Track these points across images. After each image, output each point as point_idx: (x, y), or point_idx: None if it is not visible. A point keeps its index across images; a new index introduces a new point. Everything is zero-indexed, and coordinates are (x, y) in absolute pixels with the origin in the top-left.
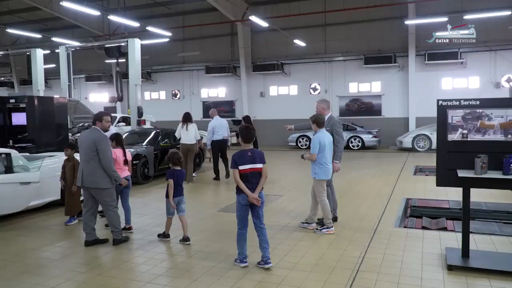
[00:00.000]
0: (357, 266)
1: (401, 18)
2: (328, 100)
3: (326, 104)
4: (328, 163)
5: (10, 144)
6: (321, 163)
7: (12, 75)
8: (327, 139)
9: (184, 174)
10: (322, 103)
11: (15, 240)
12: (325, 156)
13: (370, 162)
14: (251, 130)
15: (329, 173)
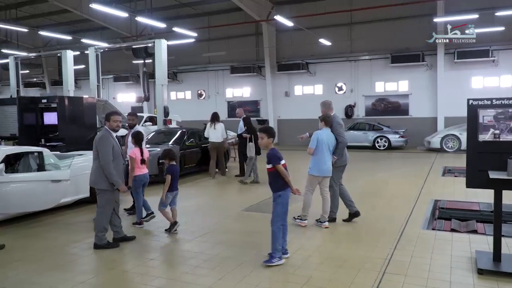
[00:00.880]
0: (383, 268)
1: (430, 15)
2: (326, 102)
3: (326, 107)
4: (325, 161)
5: (42, 143)
6: (316, 160)
7: (44, 76)
8: (327, 138)
9: (178, 169)
10: (321, 107)
11: (45, 236)
12: (323, 153)
13: (396, 162)
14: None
15: (321, 171)
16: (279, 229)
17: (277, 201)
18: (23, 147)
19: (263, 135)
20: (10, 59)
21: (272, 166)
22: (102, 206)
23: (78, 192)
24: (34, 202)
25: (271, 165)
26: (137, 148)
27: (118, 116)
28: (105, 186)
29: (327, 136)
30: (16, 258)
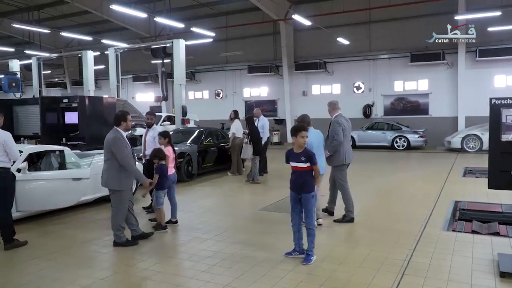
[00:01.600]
0: (402, 269)
1: (451, 13)
2: (332, 102)
3: (331, 107)
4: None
5: (63, 142)
6: None
7: (65, 76)
8: (317, 139)
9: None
10: (328, 106)
11: (66, 233)
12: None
13: (416, 163)
14: None
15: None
16: (315, 226)
17: (312, 202)
18: (45, 146)
19: (307, 134)
20: (33, 59)
21: (309, 165)
22: (116, 206)
23: (98, 190)
24: (55, 199)
25: (308, 164)
26: (169, 147)
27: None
28: (117, 186)
29: (316, 136)
30: (38, 254)
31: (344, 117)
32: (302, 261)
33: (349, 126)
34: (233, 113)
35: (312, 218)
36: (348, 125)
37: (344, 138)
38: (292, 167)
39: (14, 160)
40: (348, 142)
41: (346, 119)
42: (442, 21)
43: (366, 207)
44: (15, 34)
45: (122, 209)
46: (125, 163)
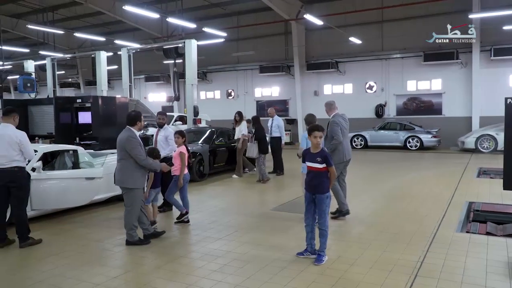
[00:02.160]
0: (415, 270)
1: (465, 11)
2: (328, 102)
3: (327, 107)
4: None
5: (77, 141)
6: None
7: (78, 76)
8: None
9: None
10: (325, 106)
11: (80, 232)
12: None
13: (429, 163)
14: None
15: None
16: (328, 228)
17: (326, 203)
18: (59, 146)
19: (322, 134)
20: (47, 60)
21: (325, 166)
22: (129, 205)
23: (110, 189)
24: (69, 198)
25: (324, 165)
26: (183, 146)
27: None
28: (132, 185)
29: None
30: (52, 252)
31: (341, 116)
32: (313, 262)
33: (347, 124)
34: (238, 115)
35: (326, 219)
36: (346, 123)
37: (343, 136)
38: (308, 167)
39: (29, 159)
40: (347, 139)
41: (343, 118)
42: (456, 19)
43: (378, 208)
44: (30, 35)
45: (136, 208)
46: (140, 161)
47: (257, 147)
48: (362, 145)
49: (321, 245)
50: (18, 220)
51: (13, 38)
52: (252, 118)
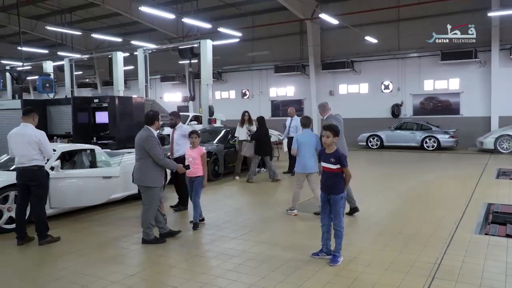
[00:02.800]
0: (432, 272)
1: (483, 10)
2: (321, 104)
3: (321, 109)
4: (305, 159)
5: (94, 141)
6: (299, 159)
7: (95, 76)
8: (306, 139)
9: None
10: (318, 108)
11: (97, 230)
12: (303, 153)
13: (446, 164)
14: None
15: (304, 168)
16: (343, 228)
17: (340, 203)
18: (77, 145)
19: (329, 133)
20: (65, 61)
21: (339, 167)
22: (147, 203)
23: (127, 188)
24: (86, 197)
25: (338, 165)
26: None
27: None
28: (150, 183)
29: (306, 137)
30: (70, 250)
31: (334, 117)
32: (329, 262)
33: (341, 125)
34: (248, 114)
35: (341, 220)
36: (340, 124)
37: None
38: (323, 167)
39: (48, 158)
40: (342, 138)
41: (336, 118)
42: (475, 17)
43: (394, 209)
44: (48, 36)
45: (154, 207)
46: (158, 160)
47: (253, 147)
48: (378, 145)
49: (336, 245)
50: (37, 218)
51: (32, 39)
52: (257, 119)
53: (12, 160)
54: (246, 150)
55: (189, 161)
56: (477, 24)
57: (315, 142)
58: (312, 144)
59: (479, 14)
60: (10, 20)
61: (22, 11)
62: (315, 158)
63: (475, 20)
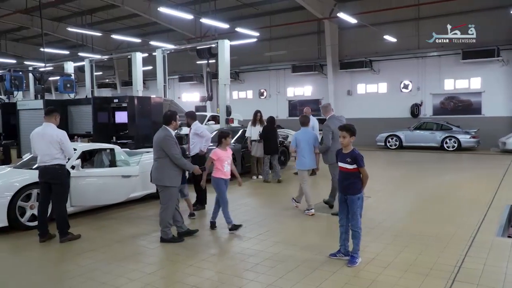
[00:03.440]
0: (452, 275)
1: (507, 7)
2: (325, 105)
3: (323, 109)
4: (304, 156)
5: (113, 140)
6: (298, 156)
7: (115, 77)
8: (304, 137)
9: None
10: (321, 109)
11: (116, 228)
12: (301, 150)
13: (467, 164)
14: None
15: (303, 165)
16: (361, 229)
17: (357, 204)
18: (97, 144)
19: (346, 134)
20: (86, 61)
21: (356, 167)
22: (165, 203)
23: (146, 187)
24: (106, 195)
25: (355, 165)
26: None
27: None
28: (168, 183)
29: (305, 135)
30: (90, 247)
31: (337, 118)
32: (346, 263)
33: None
34: (260, 114)
35: (358, 221)
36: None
37: (337, 138)
38: (339, 167)
39: (69, 158)
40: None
41: (338, 119)
42: (496, 16)
43: (414, 210)
44: (69, 38)
45: (171, 206)
46: (175, 160)
47: (262, 147)
48: (396, 146)
49: (354, 246)
50: (58, 216)
51: (54, 40)
52: (267, 119)
53: (35, 159)
54: (256, 150)
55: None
56: (499, 22)
57: (313, 140)
58: (310, 142)
59: (502, 11)
60: (33, 22)
61: (44, 13)
62: (313, 155)
63: (497, 18)
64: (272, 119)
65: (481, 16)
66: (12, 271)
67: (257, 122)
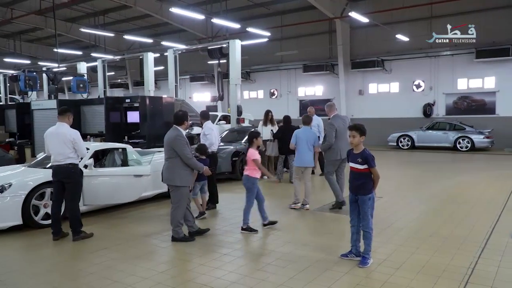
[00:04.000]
0: (466, 277)
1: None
2: (330, 104)
3: (328, 108)
4: (303, 153)
5: (125, 140)
6: (297, 153)
7: (127, 77)
8: (304, 135)
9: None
10: (326, 108)
11: (128, 227)
12: (302, 148)
13: (481, 165)
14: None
15: (302, 162)
16: (372, 230)
17: (368, 204)
18: (109, 144)
19: (355, 133)
20: (98, 62)
21: (366, 167)
22: (176, 202)
23: (157, 187)
24: (118, 194)
25: (366, 166)
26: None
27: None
28: (179, 183)
29: (305, 133)
30: (103, 246)
31: (340, 117)
32: (358, 264)
33: (345, 125)
34: (271, 114)
35: (369, 221)
36: (344, 124)
37: (340, 136)
38: (350, 167)
39: (82, 157)
40: (345, 139)
41: (342, 118)
42: (510, 14)
43: (426, 211)
44: (82, 38)
45: (182, 206)
46: (186, 160)
47: (276, 146)
48: (409, 146)
49: (365, 247)
50: (71, 215)
51: (67, 41)
52: (284, 118)
53: (49, 158)
54: (272, 150)
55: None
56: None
57: (313, 139)
58: (309, 140)
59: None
60: (47, 23)
61: (58, 14)
62: (312, 153)
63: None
64: (288, 118)
65: (495, 14)
66: (26, 268)
67: (268, 122)
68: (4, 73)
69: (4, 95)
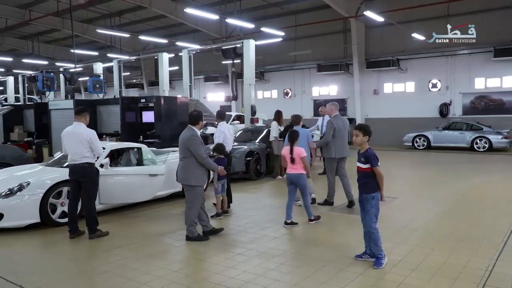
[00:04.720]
0: (483, 279)
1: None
2: (334, 103)
3: (332, 106)
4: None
5: (141, 139)
6: None
7: (142, 77)
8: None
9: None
10: (330, 106)
11: (142, 226)
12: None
13: (499, 165)
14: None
15: None
16: (377, 230)
17: (371, 203)
18: (125, 143)
19: (358, 132)
20: (114, 62)
21: (369, 166)
22: (191, 202)
23: (172, 186)
24: (134, 194)
25: (368, 165)
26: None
27: None
28: (193, 182)
29: (301, 133)
30: (118, 244)
31: (341, 118)
32: (372, 265)
33: (345, 126)
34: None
35: (372, 220)
36: (344, 125)
37: (338, 136)
38: (357, 167)
39: (98, 156)
40: (342, 139)
41: (342, 119)
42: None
43: (442, 211)
44: (98, 39)
45: (196, 205)
46: (201, 160)
47: (282, 145)
48: (424, 146)
49: (373, 247)
50: (87, 213)
51: (83, 42)
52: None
53: (66, 158)
54: (278, 149)
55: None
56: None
57: (306, 136)
58: (304, 138)
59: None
60: (64, 24)
61: (74, 16)
62: (308, 149)
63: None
64: (295, 118)
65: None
66: (44, 265)
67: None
68: (22, 73)
69: (22, 95)
